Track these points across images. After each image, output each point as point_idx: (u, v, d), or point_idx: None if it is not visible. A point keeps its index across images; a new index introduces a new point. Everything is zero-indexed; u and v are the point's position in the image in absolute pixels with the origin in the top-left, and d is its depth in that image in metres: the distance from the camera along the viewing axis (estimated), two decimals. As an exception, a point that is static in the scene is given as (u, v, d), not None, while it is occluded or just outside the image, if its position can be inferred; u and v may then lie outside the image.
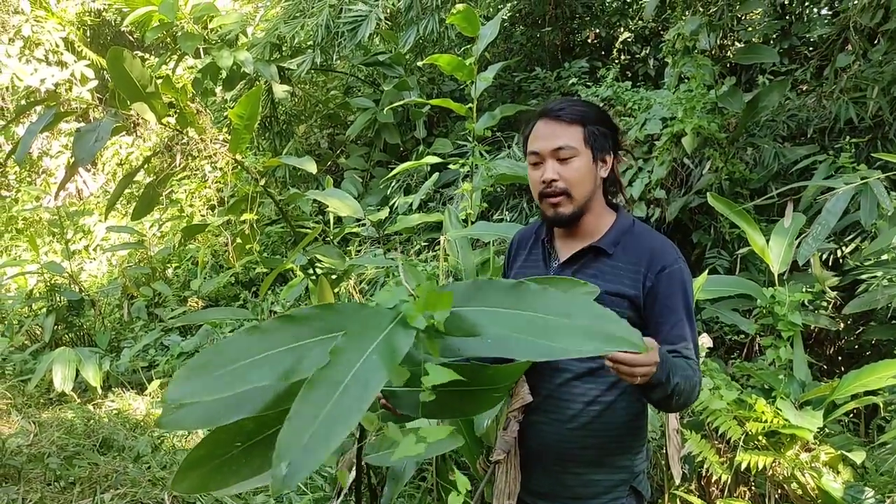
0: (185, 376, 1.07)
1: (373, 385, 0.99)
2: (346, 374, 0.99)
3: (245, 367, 1.07)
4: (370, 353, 1.03)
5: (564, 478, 1.72)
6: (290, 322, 1.14)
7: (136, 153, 9.23)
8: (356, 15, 5.79)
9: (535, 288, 1.15)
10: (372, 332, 1.07)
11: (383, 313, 1.12)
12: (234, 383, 1.06)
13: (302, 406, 0.96)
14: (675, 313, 1.64)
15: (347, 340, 1.04)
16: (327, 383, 0.98)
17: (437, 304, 1.08)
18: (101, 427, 4.50)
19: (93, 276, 8.26)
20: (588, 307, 1.13)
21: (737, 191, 4.46)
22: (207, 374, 1.06)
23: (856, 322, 4.00)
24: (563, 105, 1.71)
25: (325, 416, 0.94)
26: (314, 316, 1.15)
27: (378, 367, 1.01)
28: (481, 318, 1.13)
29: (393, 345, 1.05)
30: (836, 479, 2.71)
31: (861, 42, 4.39)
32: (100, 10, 10.22)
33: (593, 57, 7.15)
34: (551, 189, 1.67)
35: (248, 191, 3.76)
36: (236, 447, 1.27)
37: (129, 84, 3.20)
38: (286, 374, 1.07)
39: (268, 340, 1.11)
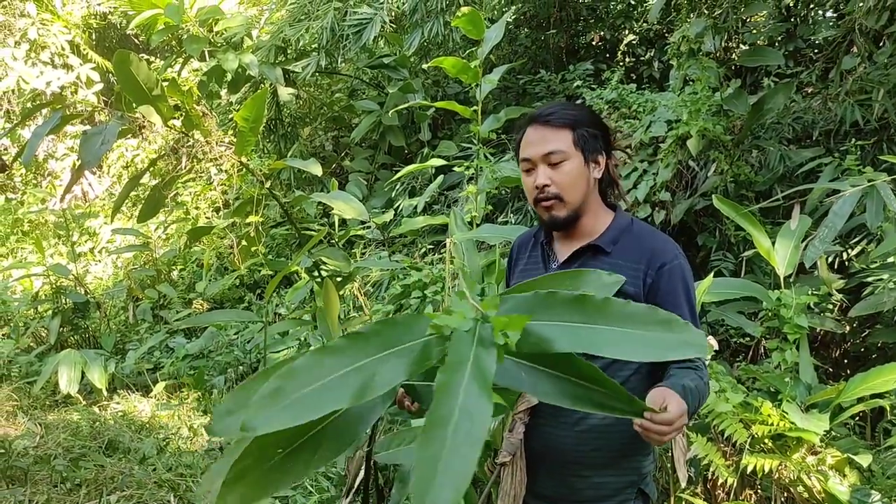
0: (264, 406, 1.06)
1: (480, 417, 0.99)
2: (453, 409, 0.99)
3: (318, 390, 1.07)
4: (467, 383, 1.03)
5: (571, 480, 1.71)
6: (355, 340, 1.13)
7: (142, 156, 9.26)
8: (361, 18, 5.81)
9: (598, 300, 1.16)
10: (460, 359, 1.06)
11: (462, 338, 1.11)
12: (310, 409, 1.06)
13: (424, 453, 0.95)
14: (678, 309, 1.63)
15: (444, 376, 1.04)
16: (439, 423, 0.98)
17: (513, 324, 1.09)
18: (107, 429, 4.51)
19: (98, 278, 8.29)
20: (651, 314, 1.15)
21: (742, 193, 4.45)
22: (285, 402, 1.06)
23: (861, 325, 3.98)
24: (551, 110, 1.72)
25: (446, 459, 0.94)
26: (377, 332, 1.15)
27: (479, 395, 1.01)
28: (551, 333, 1.14)
29: (483, 368, 1.05)
30: (842, 483, 2.70)
31: (867, 44, 4.38)
32: (105, 13, 10.26)
33: (598, 59, 7.15)
34: (544, 194, 1.69)
35: (253, 193, 3.77)
36: (278, 453, 1.27)
37: (135, 87, 3.21)
38: (359, 394, 1.07)
39: (337, 361, 1.10)
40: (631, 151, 5.02)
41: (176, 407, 4.93)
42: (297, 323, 4.30)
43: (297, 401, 1.06)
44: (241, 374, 5.48)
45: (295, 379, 1.08)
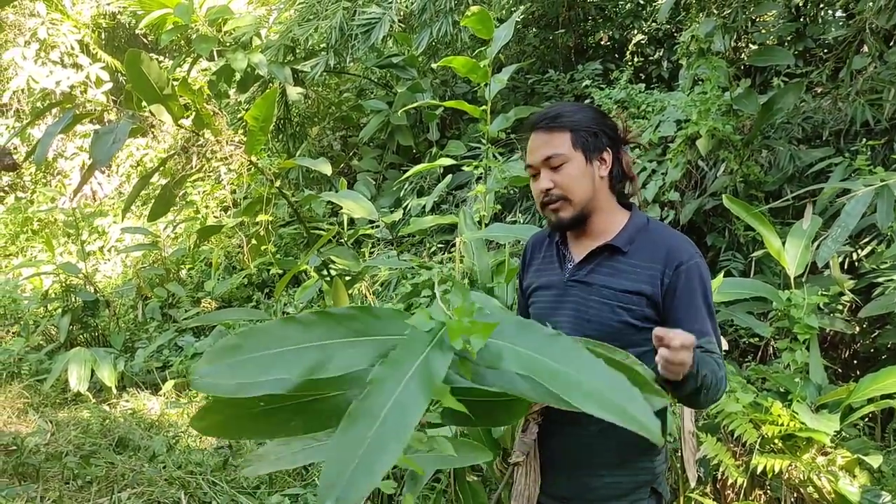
0: (216, 356, 1.09)
1: (412, 413, 0.98)
2: (384, 404, 0.99)
3: (272, 356, 1.08)
4: (408, 380, 1.02)
5: (585, 480, 1.71)
6: (326, 318, 1.14)
7: (151, 155, 9.30)
8: (370, 17, 5.82)
9: (568, 343, 1.15)
10: (409, 357, 1.06)
11: (419, 336, 1.11)
12: (257, 372, 1.08)
13: (342, 440, 0.96)
14: (696, 309, 1.64)
15: (385, 369, 1.04)
16: (366, 416, 0.98)
17: (477, 331, 1.09)
18: (117, 427, 4.54)
19: (107, 276, 8.33)
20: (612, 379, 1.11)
21: (751, 193, 4.44)
22: (238, 358, 1.08)
23: (871, 325, 3.97)
24: (550, 113, 1.73)
25: (366, 450, 0.94)
26: (351, 316, 1.16)
27: (416, 395, 1.01)
28: (505, 353, 1.13)
29: (430, 370, 1.05)
30: (852, 483, 2.69)
31: (877, 44, 4.37)
32: (115, 13, 10.30)
33: (606, 59, 7.15)
34: (549, 197, 1.70)
35: (262, 192, 3.78)
36: (259, 406, 1.29)
37: (146, 86, 3.22)
38: (311, 370, 1.08)
39: (301, 333, 1.11)
40: (645, 145, 5.00)
41: (185, 405, 4.95)
42: (306, 322, 4.31)
43: (248, 361, 1.07)
44: (250, 373, 5.49)
45: (255, 339, 1.10)
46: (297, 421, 1.29)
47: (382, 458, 0.94)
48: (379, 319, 1.17)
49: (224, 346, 1.10)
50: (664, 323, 1.64)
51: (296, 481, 3.67)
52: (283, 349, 1.09)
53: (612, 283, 1.67)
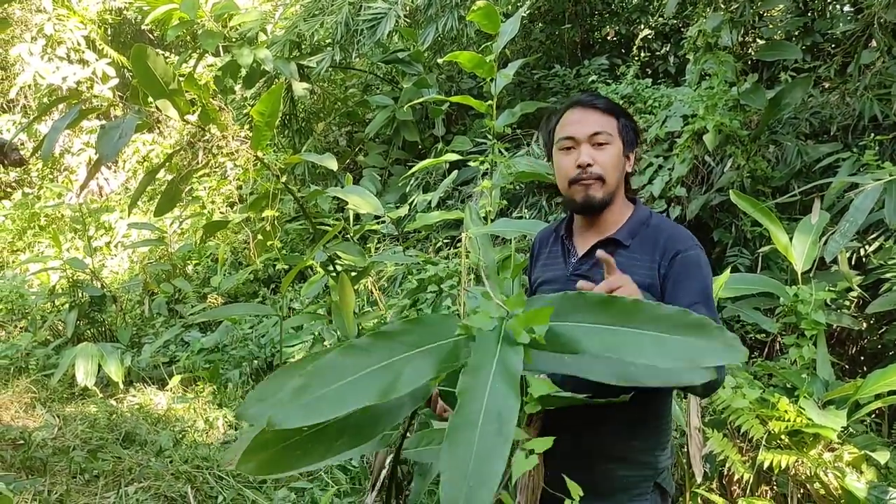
0: (287, 401, 1.07)
1: (508, 413, 0.99)
2: (479, 410, 0.99)
3: (344, 388, 1.08)
4: (492, 382, 1.03)
5: (590, 474, 1.70)
6: (382, 338, 1.14)
7: (157, 151, 9.32)
8: (375, 12, 5.81)
9: (627, 301, 1.14)
10: (485, 359, 1.06)
11: (487, 336, 1.11)
12: (335, 407, 1.07)
13: (451, 457, 0.96)
14: (692, 295, 1.61)
15: (468, 378, 1.04)
16: (465, 427, 0.98)
17: (537, 318, 1.08)
18: (124, 421, 4.55)
19: (114, 272, 8.35)
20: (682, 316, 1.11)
21: (758, 189, 4.43)
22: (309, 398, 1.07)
23: (879, 321, 3.95)
24: (596, 96, 1.75)
25: (475, 460, 0.94)
26: (404, 331, 1.16)
27: (506, 395, 1.01)
28: (578, 334, 1.13)
29: (509, 367, 1.05)
30: (859, 479, 2.68)
31: (886, 38, 4.34)
32: (121, 9, 10.31)
33: (613, 54, 7.12)
34: (587, 174, 1.68)
35: (268, 188, 3.78)
36: (303, 432, 1.28)
37: (152, 81, 3.22)
38: (385, 393, 1.08)
39: (362, 359, 1.11)
40: (647, 147, 5.00)
41: (191, 400, 4.96)
42: (312, 317, 4.32)
43: (321, 398, 1.07)
44: (256, 369, 5.51)
45: (321, 376, 1.09)
46: (343, 439, 1.29)
47: (493, 463, 0.94)
48: (431, 327, 1.18)
49: (292, 389, 1.09)
50: None
51: (302, 476, 3.68)
52: (351, 378, 1.09)
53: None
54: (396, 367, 1.10)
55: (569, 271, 1.76)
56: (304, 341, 5.54)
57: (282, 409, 1.06)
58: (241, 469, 1.32)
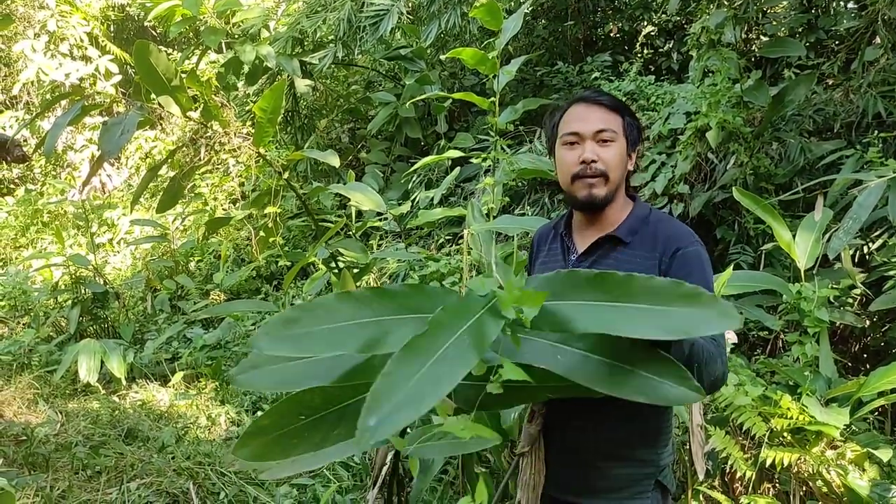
0: (274, 329, 1.08)
1: (463, 362, 0.99)
2: (440, 345, 1.00)
3: (332, 330, 1.08)
4: (462, 332, 1.04)
5: (590, 472, 1.71)
6: (381, 295, 1.15)
7: (160, 147, 9.32)
8: (378, 9, 5.81)
9: (619, 276, 1.14)
10: (465, 313, 1.07)
11: (475, 299, 1.12)
12: (320, 345, 1.08)
13: (398, 365, 0.96)
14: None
15: (444, 315, 1.05)
16: (424, 349, 0.99)
17: (529, 300, 1.08)
18: (126, 417, 4.56)
19: (117, 269, 8.36)
20: (675, 287, 1.11)
21: (762, 186, 4.42)
22: (296, 331, 1.07)
23: (882, 319, 3.94)
24: (601, 92, 1.74)
25: (418, 379, 0.95)
26: (405, 294, 1.16)
27: (468, 348, 1.02)
28: (570, 312, 1.13)
29: (483, 329, 1.06)
30: (861, 477, 2.68)
31: (890, 35, 4.32)
32: (123, 5, 10.32)
33: (616, 51, 7.11)
34: (591, 170, 1.67)
35: (271, 184, 3.78)
36: (300, 420, 1.28)
37: (154, 77, 3.22)
38: (369, 345, 1.08)
39: (358, 309, 1.12)
40: (650, 144, 4.99)
41: (194, 396, 4.97)
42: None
43: (307, 334, 1.07)
44: (258, 365, 5.50)
45: (312, 313, 1.10)
46: (340, 428, 1.28)
47: (432, 391, 0.95)
48: (431, 297, 1.18)
49: (282, 318, 1.10)
50: None
51: (304, 472, 3.68)
52: (341, 323, 1.10)
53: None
54: (386, 325, 1.10)
55: (569, 268, 1.76)
56: (306, 338, 5.54)
57: (268, 336, 1.07)
58: (237, 454, 1.32)
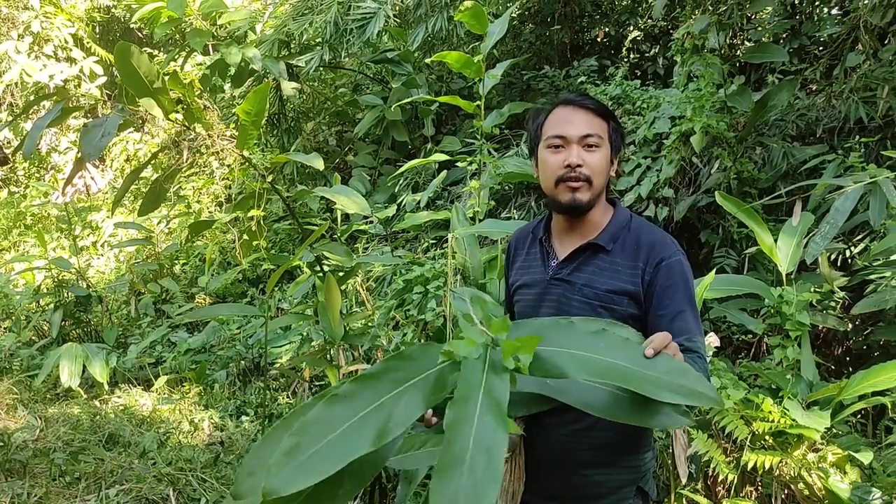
0: (280, 466, 1.02)
1: (496, 450, 0.96)
2: (466, 446, 0.96)
3: (338, 440, 1.03)
4: (479, 416, 1.00)
5: (570, 478, 1.70)
6: (365, 382, 1.10)
7: (144, 150, 9.27)
8: (365, 12, 5.80)
9: (619, 337, 1.18)
10: (472, 390, 1.04)
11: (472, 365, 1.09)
12: (331, 461, 1.02)
13: (440, 495, 0.93)
14: (677, 305, 1.61)
15: (455, 411, 1.01)
16: (453, 465, 0.95)
17: (524, 347, 1.07)
18: (108, 423, 4.51)
19: (100, 272, 8.30)
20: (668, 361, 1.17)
21: (745, 190, 4.44)
22: (301, 458, 1.01)
23: (864, 322, 3.97)
24: (586, 96, 1.73)
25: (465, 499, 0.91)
26: (388, 369, 1.12)
27: (494, 428, 0.98)
28: (564, 362, 1.14)
29: (496, 398, 1.02)
30: (843, 480, 2.69)
31: (871, 41, 4.36)
32: (109, 7, 10.26)
33: (602, 55, 7.14)
34: (575, 174, 1.66)
35: (255, 187, 3.76)
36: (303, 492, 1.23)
37: (136, 79, 3.20)
38: (380, 436, 1.03)
39: (350, 407, 1.07)
40: (635, 148, 5.01)
41: (177, 401, 4.93)
42: (299, 318, 4.29)
43: (315, 455, 1.02)
44: (243, 369, 5.48)
45: (309, 434, 1.04)
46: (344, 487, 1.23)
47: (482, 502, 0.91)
48: (413, 360, 1.15)
49: (283, 451, 1.03)
50: (647, 319, 1.63)
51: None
52: (342, 428, 1.05)
53: (594, 282, 1.66)
54: (386, 407, 1.06)
55: (549, 274, 1.74)
56: (291, 342, 5.52)
57: (276, 475, 1.01)
58: None
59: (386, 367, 1.13)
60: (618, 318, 1.58)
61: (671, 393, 1.10)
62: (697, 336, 1.61)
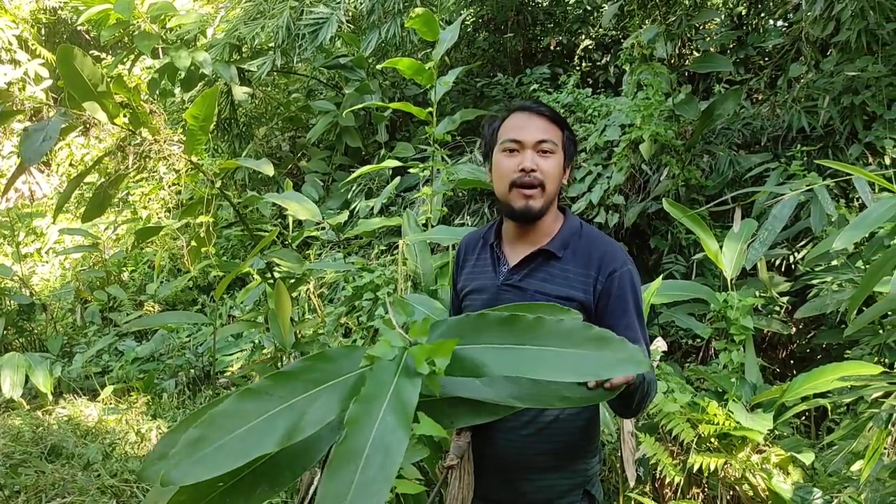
0: (181, 456, 1.00)
1: (395, 450, 0.95)
2: (365, 444, 0.95)
3: (244, 435, 1.01)
4: (383, 415, 0.99)
5: (517, 483, 1.71)
6: (282, 380, 1.08)
7: (91, 154, 9.05)
8: (317, 17, 5.76)
9: (529, 319, 1.12)
10: (379, 390, 1.02)
11: (384, 367, 1.07)
12: (232, 457, 1.00)
13: (329, 488, 0.91)
14: (627, 315, 1.65)
15: (359, 407, 1.00)
16: (348, 459, 0.94)
17: (439, 351, 1.05)
18: (51, 434, 4.38)
19: (45, 279, 8.06)
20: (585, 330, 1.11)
21: (693, 197, 4.52)
22: (205, 451, 0.99)
23: (807, 326, 4.07)
24: (541, 103, 1.75)
25: (353, 494, 0.90)
26: (306, 368, 1.10)
27: (395, 429, 0.97)
28: (483, 357, 1.11)
29: (403, 400, 1.01)
30: (786, 481, 2.75)
31: (813, 53, 4.49)
32: (55, 8, 10.01)
33: (555, 63, 7.20)
34: (529, 179, 1.67)
35: (204, 193, 3.70)
36: (217, 488, 1.21)
37: (79, 83, 3.13)
38: (289, 435, 1.02)
39: (262, 403, 1.05)
40: (587, 155, 5.07)
41: (124, 411, 4.81)
42: (250, 325, 4.23)
43: (218, 449, 1.00)
44: (193, 378, 5.39)
45: (216, 426, 1.02)
46: (263, 485, 1.21)
47: (372, 497, 0.90)
48: (333, 361, 1.13)
49: (186, 442, 1.01)
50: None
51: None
52: (252, 424, 1.03)
53: (545, 288, 1.67)
54: (299, 407, 1.04)
55: (499, 280, 1.75)
56: (242, 350, 5.44)
57: (176, 465, 0.98)
58: None
59: (304, 367, 1.11)
60: None
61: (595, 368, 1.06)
62: (644, 344, 1.66)
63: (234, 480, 1.19)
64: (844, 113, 4.21)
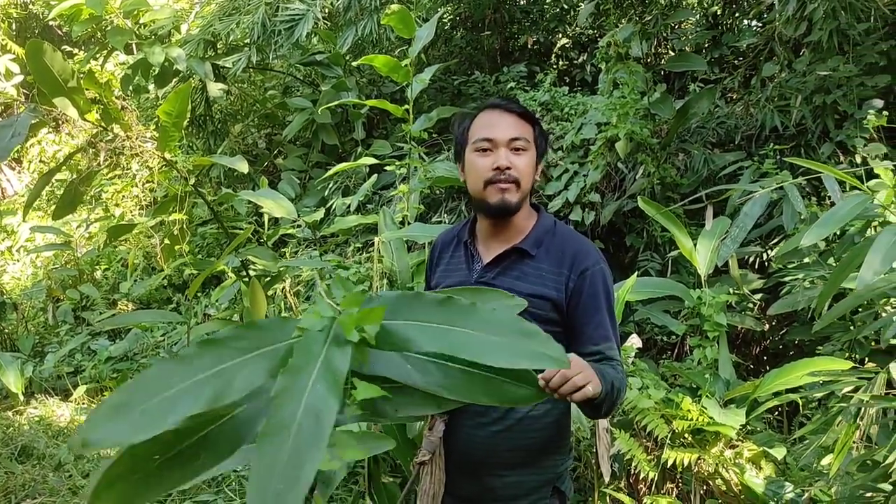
0: (104, 416, 0.98)
1: (326, 416, 0.93)
2: (295, 413, 0.93)
3: (170, 398, 1.00)
4: (313, 383, 0.98)
5: (488, 480, 1.71)
6: (211, 346, 1.07)
7: (64, 151, 8.92)
8: (293, 14, 5.72)
9: (464, 303, 1.13)
10: (308, 360, 1.01)
11: (313, 336, 1.06)
12: (160, 419, 0.98)
13: (261, 460, 0.89)
14: (599, 313, 1.66)
15: (287, 377, 0.98)
16: (278, 430, 0.92)
17: (369, 318, 1.05)
18: (21, 435, 4.32)
19: (16, 278, 7.94)
20: (515, 323, 1.12)
21: (668, 195, 4.56)
22: (129, 413, 0.99)
23: (780, 323, 4.12)
24: (512, 101, 1.76)
25: (286, 464, 0.88)
26: (236, 336, 1.08)
27: (326, 396, 0.96)
28: (411, 333, 1.11)
29: (333, 368, 1.00)
30: (758, 475, 2.78)
31: (786, 52, 4.54)
32: (26, 3, 9.85)
33: (532, 62, 7.22)
34: (504, 175, 1.68)
35: (177, 190, 3.66)
36: (154, 460, 1.20)
37: (49, 78, 3.08)
38: (215, 399, 1.00)
39: (190, 367, 1.03)
40: (563, 154, 5.08)
41: (96, 411, 4.74)
42: (224, 323, 4.20)
43: (142, 413, 0.98)
44: (167, 377, 5.32)
45: (140, 390, 1.00)
46: (204, 456, 1.20)
47: (304, 468, 0.88)
48: (266, 331, 1.12)
49: (109, 406, 0.98)
50: (567, 326, 1.65)
51: (210, 487, 3.56)
52: (176, 389, 1.00)
53: (518, 286, 1.67)
54: (227, 374, 1.03)
55: (473, 278, 1.75)
56: (217, 348, 5.39)
57: (97, 427, 0.95)
58: None
59: (233, 335, 1.09)
60: (540, 322, 1.60)
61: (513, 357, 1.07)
62: (615, 343, 1.67)
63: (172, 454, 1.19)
64: (816, 112, 4.26)
